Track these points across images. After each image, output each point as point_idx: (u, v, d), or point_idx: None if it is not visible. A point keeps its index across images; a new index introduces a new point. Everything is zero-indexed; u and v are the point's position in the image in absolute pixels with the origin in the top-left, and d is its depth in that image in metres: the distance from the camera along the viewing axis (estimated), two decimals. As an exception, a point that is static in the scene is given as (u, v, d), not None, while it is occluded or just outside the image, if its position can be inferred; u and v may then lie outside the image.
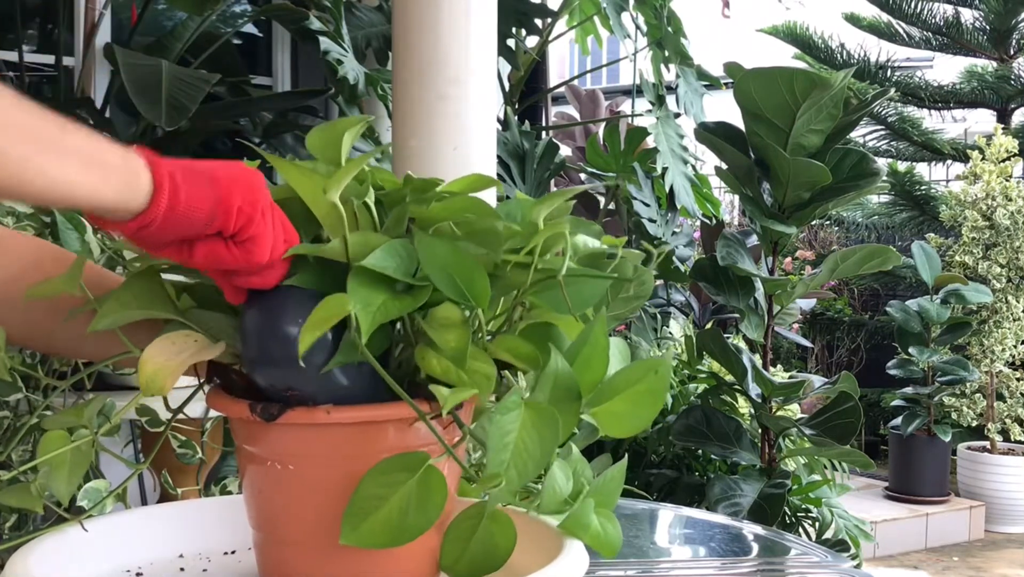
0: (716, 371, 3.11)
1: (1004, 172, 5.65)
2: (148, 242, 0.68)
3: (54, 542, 0.78)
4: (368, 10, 3.06)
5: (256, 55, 4.51)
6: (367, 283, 0.67)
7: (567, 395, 0.67)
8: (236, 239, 0.68)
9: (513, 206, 0.73)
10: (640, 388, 0.69)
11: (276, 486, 0.73)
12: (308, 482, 0.72)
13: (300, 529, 0.73)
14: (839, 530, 2.70)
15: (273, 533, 0.75)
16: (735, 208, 8.21)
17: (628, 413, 0.69)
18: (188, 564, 0.85)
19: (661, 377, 0.69)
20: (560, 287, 0.70)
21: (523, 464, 0.65)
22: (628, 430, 0.69)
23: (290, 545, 0.74)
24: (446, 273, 0.67)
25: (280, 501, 0.74)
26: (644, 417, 0.69)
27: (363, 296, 0.66)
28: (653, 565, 1.35)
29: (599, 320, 0.68)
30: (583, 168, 3.45)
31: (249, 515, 0.77)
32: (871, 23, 7.56)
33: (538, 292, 0.72)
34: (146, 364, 0.72)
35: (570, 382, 0.67)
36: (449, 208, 0.70)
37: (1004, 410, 5.71)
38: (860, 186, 2.56)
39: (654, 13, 3.07)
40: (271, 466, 0.72)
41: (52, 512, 0.79)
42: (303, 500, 0.73)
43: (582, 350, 0.68)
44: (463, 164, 1.98)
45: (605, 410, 0.68)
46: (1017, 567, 5.10)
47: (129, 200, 0.65)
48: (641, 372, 0.68)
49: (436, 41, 1.97)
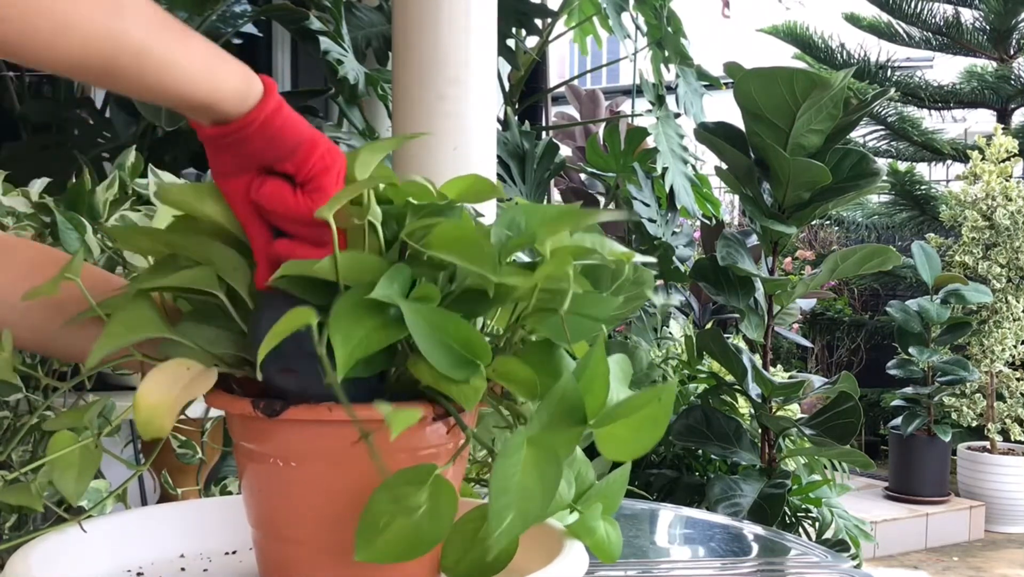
0: (716, 371, 3.11)
1: (1004, 172, 5.65)
2: (235, 149, 0.69)
3: (55, 542, 0.78)
4: (368, 10, 3.06)
5: (256, 55, 4.50)
6: (352, 311, 0.66)
7: (571, 420, 0.67)
8: (306, 186, 0.69)
9: (517, 215, 0.71)
10: (643, 415, 0.68)
11: (277, 484, 0.73)
12: (310, 480, 0.72)
13: (302, 527, 0.73)
14: (839, 530, 2.70)
15: (274, 531, 0.75)
16: (735, 208, 8.21)
17: (630, 438, 0.69)
18: (189, 564, 0.85)
19: (664, 404, 0.68)
20: (561, 321, 0.70)
21: (526, 507, 0.64)
22: (629, 454, 0.69)
23: (291, 543, 0.74)
24: (444, 345, 0.66)
25: (281, 499, 0.73)
26: (645, 442, 0.69)
27: (344, 327, 0.65)
28: (653, 565, 1.35)
29: (598, 347, 0.68)
30: (583, 168, 3.45)
31: (249, 514, 0.77)
32: (871, 23, 7.57)
33: (539, 320, 0.72)
34: (141, 403, 0.70)
35: (573, 403, 0.67)
36: (442, 237, 0.68)
37: (1004, 410, 5.71)
38: (860, 186, 2.57)
39: (654, 13, 3.07)
40: (273, 464, 0.72)
41: (52, 512, 0.79)
42: (305, 498, 0.72)
43: (582, 376, 0.67)
44: (463, 164, 1.98)
45: (607, 433, 0.68)
46: (1017, 567, 5.10)
47: (242, 100, 0.67)
48: (645, 400, 0.68)
49: (436, 41, 1.97)
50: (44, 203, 1.60)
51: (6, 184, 1.62)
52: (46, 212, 1.58)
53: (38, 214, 1.58)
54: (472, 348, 0.67)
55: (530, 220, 0.71)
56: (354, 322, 0.65)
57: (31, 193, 1.63)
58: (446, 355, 0.66)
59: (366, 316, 0.66)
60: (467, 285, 0.71)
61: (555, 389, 0.67)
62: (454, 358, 0.67)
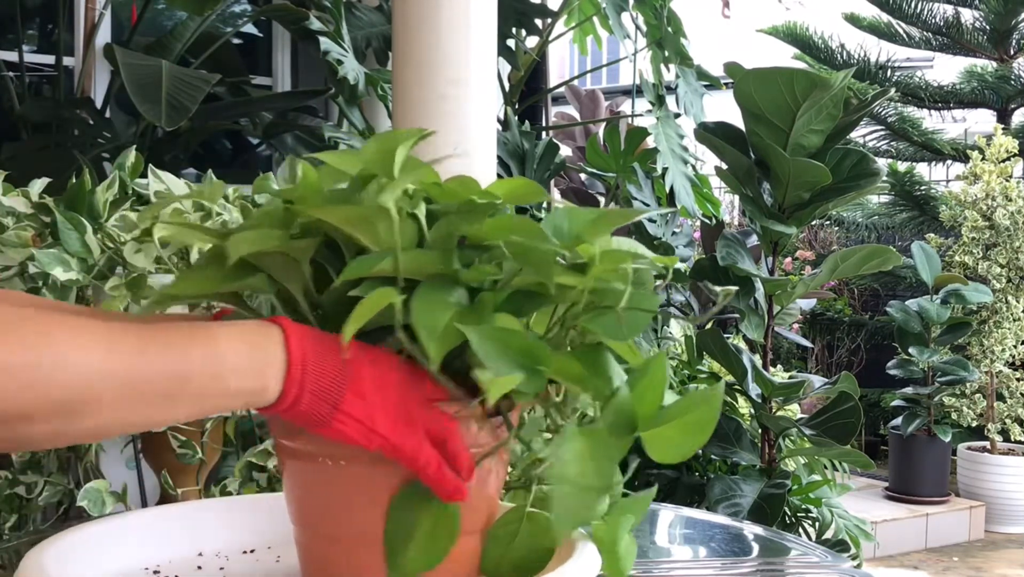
0: (716, 371, 3.10)
1: (1004, 172, 5.65)
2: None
3: (71, 539, 0.78)
4: (368, 10, 3.06)
5: (256, 55, 4.50)
6: (432, 300, 0.67)
7: (625, 426, 0.68)
8: None
9: (561, 219, 0.72)
10: (690, 418, 0.69)
11: (324, 483, 0.73)
12: (358, 479, 0.72)
13: (349, 526, 0.73)
14: (839, 530, 2.70)
15: (319, 530, 0.75)
16: (735, 208, 8.21)
17: (677, 440, 0.69)
18: (206, 562, 0.85)
19: (712, 407, 0.69)
20: (618, 317, 0.70)
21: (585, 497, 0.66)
22: (676, 457, 0.70)
23: (337, 542, 0.74)
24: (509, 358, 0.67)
25: (328, 498, 0.73)
26: (692, 445, 0.70)
27: (428, 321, 0.66)
28: (653, 565, 1.35)
29: (660, 357, 0.69)
30: (583, 168, 3.45)
31: (292, 512, 0.77)
32: (871, 23, 7.57)
33: (591, 319, 0.72)
34: None
35: (629, 413, 0.67)
36: (499, 227, 0.69)
37: (1004, 410, 5.71)
38: (860, 186, 2.56)
39: (654, 13, 3.07)
40: (321, 463, 0.72)
41: (52, 512, 0.79)
42: (352, 497, 0.72)
43: (640, 382, 0.68)
44: (463, 164, 1.98)
45: (655, 435, 0.69)
46: (1017, 567, 5.10)
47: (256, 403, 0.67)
48: (693, 403, 0.69)
49: (436, 41, 1.97)
50: (44, 203, 1.60)
51: (6, 184, 1.62)
52: (46, 212, 1.58)
53: (38, 214, 1.58)
54: (534, 356, 0.68)
55: (573, 223, 0.72)
56: (437, 311, 0.67)
57: (31, 193, 1.63)
58: (514, 368, 0.67)
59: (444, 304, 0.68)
60: (517, 285, 0.71)
61: (617, 396, 0.68)
62: (521, 370, 0.68)
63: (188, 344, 0.64)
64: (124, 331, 0.62)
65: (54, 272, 1.47)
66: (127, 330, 0.63)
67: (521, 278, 0.70)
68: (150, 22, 4.06)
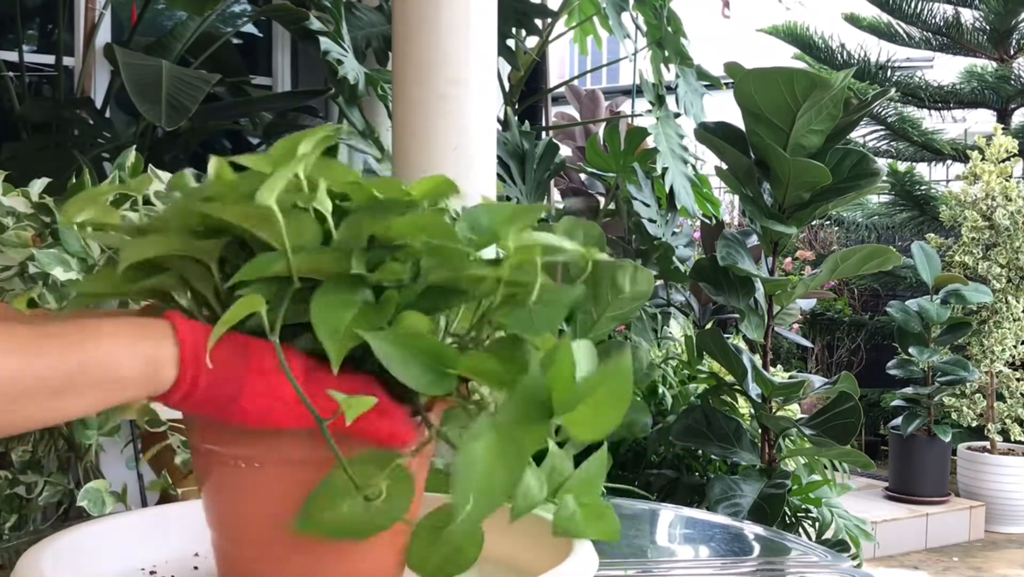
0: (716, 371, 3.11)
1: (1004, 172, 5.65)
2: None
3: (66, 540, 0.78)
4: (368, 10, 3.06)
5: (256, 55, 4.51)
6: (332, 301, 0.66)
7: (539, 414, 0.67)
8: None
9: (479, 214, 0.72)
10: (604, 391, 0.69)
11: (239, 486, 0.72)
12: (272, 480, 0.71)
13: (264, 528, 0.72)
14: (839, 530, 2.70)
15: (233, 533, 0.75)
16: (735, 208, 8.21)
17: (594, 416, 0.69)
18: (202, 562, 0.85)
19: (623, 375, 0.68)
20: (530, 311, 0.70)
21: (489, 493, 0.65)
22: (596, 434, 0.69)
23: (251, 544, 0.73)
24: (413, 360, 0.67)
25: (242, 501, 0.73)
26: (612, 418, 0.69)
27: (326, 321, 0.66)
28: (653, 565, 1.35)
29: (566, 340, 0.68)
30: (583, 168, 3.45)
31: (208, 517, 0.76)
32: (871, 23, 7.57)
33: (505, 313, 0.72)
34: None
35: (543, 398, 0.67)
36: (409, 226, 0.69)
37: (1004, 410, 5.71)
38: (860, 186, 2.56)
39: (654, 13, 3.07)
40: (235, 465, 0.72)
41: (52, 512, 0.79)
42: (267, 499, 0.72)
43: (549, 369, 0.68)
44: (463, 164, 1.98)
45: (572, 417, 0.69)
46: (1017, 567, 5.10)
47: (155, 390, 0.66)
48: (602, 377, 0.68)
49: (436, 41, 1.97)
50: (44, 203, 1.60)
51: (6, 184, 1.62)
52: (46, 212, 1.58)
53: (38, 214, 1.58)
54: (439, 357, 0.68)
55: (492, 219, 0.72)
56: (337, 313, 0.66)
57: (31, 193, 1.63)
58: (419, 371, 0.67)
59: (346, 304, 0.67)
60: (430, 282, 0.71)
61: (522, 383, 0.67)
62: (426, 373, 0.67)
63: (78, 336, 0.64)
64: (11, 331, 0.63)
65: (54, 272, 1.47)
66: (14, 331, 0.63)
67: (435, 275, 0.70)
68: (150, 22, 4.06)
